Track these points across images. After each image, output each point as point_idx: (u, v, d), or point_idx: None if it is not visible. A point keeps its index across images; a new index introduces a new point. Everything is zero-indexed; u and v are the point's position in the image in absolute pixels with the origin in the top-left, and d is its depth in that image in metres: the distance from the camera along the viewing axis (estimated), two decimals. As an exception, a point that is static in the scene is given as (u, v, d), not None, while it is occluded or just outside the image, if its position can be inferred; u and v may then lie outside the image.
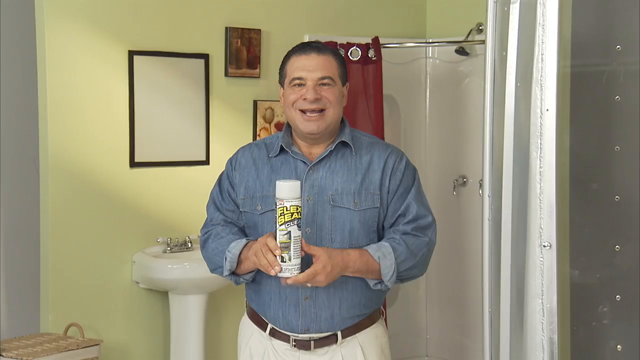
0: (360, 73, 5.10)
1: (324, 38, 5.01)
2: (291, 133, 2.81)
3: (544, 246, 2.17)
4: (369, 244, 2.68)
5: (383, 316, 2.90)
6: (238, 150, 2.92)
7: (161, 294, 4.60)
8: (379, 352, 2.79)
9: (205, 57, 4.77)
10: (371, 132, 5.04)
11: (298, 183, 2.55)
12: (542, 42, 2.13)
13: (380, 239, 2.74)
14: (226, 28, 4.80)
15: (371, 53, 5.08)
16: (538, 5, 2.11)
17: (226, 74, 4.84)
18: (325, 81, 2.69)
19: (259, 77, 4.96)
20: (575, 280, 4.55)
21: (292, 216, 2.51)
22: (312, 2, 5.15)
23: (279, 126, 5.03)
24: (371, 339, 2.78)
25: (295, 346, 2.73)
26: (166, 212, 4.69)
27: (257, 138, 4.94)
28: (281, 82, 2.82)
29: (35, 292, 4.48)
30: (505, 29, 2.16)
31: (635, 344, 4.42)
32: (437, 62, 5.59)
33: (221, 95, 4.84)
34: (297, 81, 2.71)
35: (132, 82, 4.53)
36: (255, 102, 4.95)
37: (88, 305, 4.43)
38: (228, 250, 2.70)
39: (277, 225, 2.52)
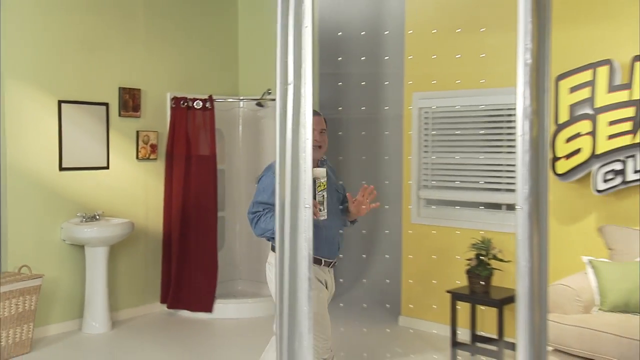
0: (201, 116, 5.14)
1: (179, 94, 5.21)
2: None
3: (306, 207, 2.28)
4: (341, 207, 3.09)
5: None
6: (272, 166, 2.94)
7: (80, 247, 4.72)
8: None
9: (106, 104, 4.90)
10: (209, 153, 5.07)
11: (324, 169, 2.87)
12: (304, 105, 2.39)
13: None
14: (119, 87, 4.96)
15: (208, 104, 5.16)
16: (302, 87, 2.35)
17: (119, 115, 4.97)
18: (322, 131, 3.00)
19: (139, 117, 5.07)
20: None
21: (323, 187, 2.80)
22: (171, 72, 5.27)
23: (153, 146, 5.10)
24: None
25: (325, 266, 3.00)
26: (82, 197, 4.77)
27: (139, 154, 5.02)
28: None
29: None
30: (286, 97, 2.30)
31: (370, 256, 4.94)
32: (245, 110, 5.67)
33: (116, 128, 4.97)
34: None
35: (61, 119, 4.64)
36: (137, 132, 5.06)
37: (34, 254, 4.51)
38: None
39: (317, 192, 2.77)
